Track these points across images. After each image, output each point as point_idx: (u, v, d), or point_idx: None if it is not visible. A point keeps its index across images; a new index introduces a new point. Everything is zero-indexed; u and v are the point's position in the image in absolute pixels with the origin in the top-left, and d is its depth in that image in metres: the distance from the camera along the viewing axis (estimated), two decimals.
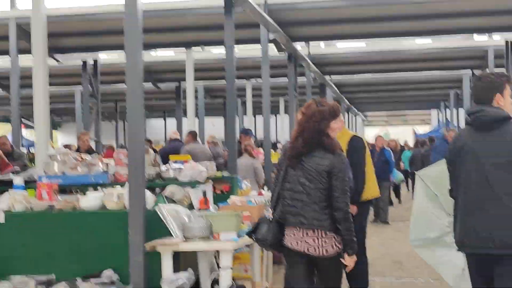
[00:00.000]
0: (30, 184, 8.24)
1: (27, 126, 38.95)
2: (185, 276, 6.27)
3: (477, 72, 24.28)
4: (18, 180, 8.20)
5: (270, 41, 15.24)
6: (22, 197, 7.53)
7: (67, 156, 8.40)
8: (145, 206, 6.95)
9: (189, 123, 21.41)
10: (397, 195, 24.21)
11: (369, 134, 58.62)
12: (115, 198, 7.29)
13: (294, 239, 5.06)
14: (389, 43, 20.40)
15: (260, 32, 14.84)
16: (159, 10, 15.45)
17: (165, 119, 45.35)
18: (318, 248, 4.96)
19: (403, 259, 11.08)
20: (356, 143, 7.38)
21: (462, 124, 28.26)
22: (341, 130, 7.40)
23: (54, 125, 47.26)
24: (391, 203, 21.19)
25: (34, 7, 11.49)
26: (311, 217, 4.97)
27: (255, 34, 15.29)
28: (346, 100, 34.94)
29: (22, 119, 23.46)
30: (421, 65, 25.33)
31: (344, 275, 5.92)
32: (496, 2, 14.60)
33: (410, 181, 25.51)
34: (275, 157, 14.83)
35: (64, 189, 8.29)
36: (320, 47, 21.66)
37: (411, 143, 35.19)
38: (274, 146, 24.64)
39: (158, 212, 6.74)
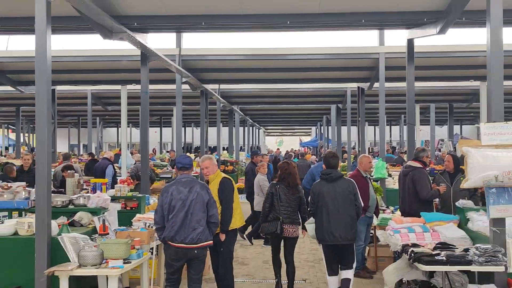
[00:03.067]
0: None
1: None
2: None
3: (340, 105, 25.08)
4: None
5: (184, 83, 14.96)
6: None
7: None
8: (50, 234, 6.60)
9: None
10: None
11: (269, 141, 61.39)
12: (26, 226, 6.93)
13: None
14: (279, 85, 20.42)
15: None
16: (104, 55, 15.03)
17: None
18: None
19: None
20: (227, 182, 7.20)
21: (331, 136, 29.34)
22: (214, 173, 7.27)
23: None
24: None
25: None
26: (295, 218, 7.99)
27: (172, 76, 14.90)
28: (249, 119, 35.78)
29: None
30: (301, 100, 25.84)
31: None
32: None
33: None
34: None
35: None
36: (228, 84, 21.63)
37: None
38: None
39: (60, 241, 6.44)
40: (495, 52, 6.42)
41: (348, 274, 7.13)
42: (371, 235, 9.16)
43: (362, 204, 7.53)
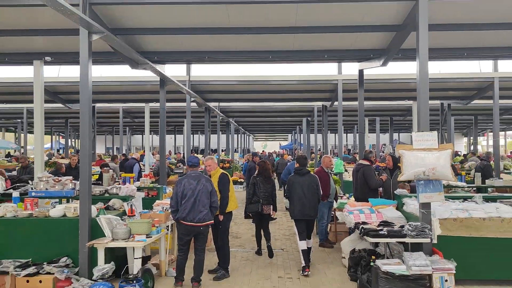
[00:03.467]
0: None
1: None
2: (108, 266, 6.03)
3: (309, 118, 24.98)
4: (15, 194, 7.61)
5: (192, 101, 14.96)
6: (12, 208, 7.03)
7: (49, 178, 7.78)
8: (90, 216, 6.59)
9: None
10: None
11: (257, 145, 61.22)
12: (72, 210, 6.92)
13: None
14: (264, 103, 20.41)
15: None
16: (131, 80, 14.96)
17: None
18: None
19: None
20: (224, 177, 7.19)
21: (303, 141, 29.26)
22: (215, 169, 7.27)
23: None
24: None
25: None
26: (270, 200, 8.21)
27: (183, 97, 14.88)
28: (241, 128, 35.72)
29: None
30: (280, 114, 25.62)
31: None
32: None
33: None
34: None
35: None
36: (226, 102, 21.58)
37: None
38: None
39: (98, 221, 6.48)
40: (422, 80, 6.50)
41: (310, 243, 7.54)
42: (332, 215, 9.20)
43: (321, 193, 7.92)
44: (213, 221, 6.62)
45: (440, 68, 17.08)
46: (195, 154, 22.48)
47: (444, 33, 8.31)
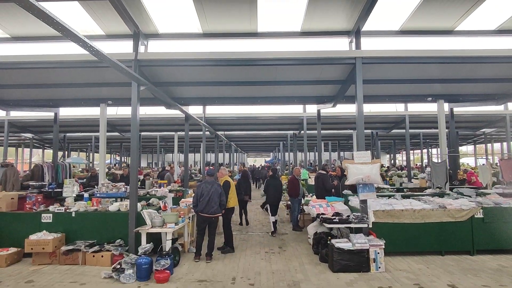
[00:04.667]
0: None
1: None
2: (148, 245, 5.83)
3: (284, 142, 24.79)
4: (86, 195, 7.50)
5: (206, 131, 14.86)
6: (83, 205, 6.90)
7: (108, 185, 7.63)
8: (136, 210, 6.40)
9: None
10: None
11: (250, 160, 60.15)
12: (124, 206, 6.76)
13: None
14: (255, 132, 20.38)
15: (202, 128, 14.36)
16: (166, 117, 14.71)
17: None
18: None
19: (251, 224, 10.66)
20: (226, 183, 7.03)
21: (280, 157, 29.34)
22: (223, 177, 7.16)
23: None
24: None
25: None
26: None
27: (200, 127, 14.74)
28: (239, 148, 35.35)
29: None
30: (264, 146, 25.31)
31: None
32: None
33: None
34: None
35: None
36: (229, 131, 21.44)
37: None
38: None
39: (141, 213, 6.30)
40: (359, 117, 6.55)
41: (275, 218, 8.39)
42: (301, 208, 9.08)
43: (282, 189, 8.98)
44: (221, 214, 6.48)
45: (370, 108, 17.23)
46: (210, 167, 22.28)
47: (372, 85, 8.45)
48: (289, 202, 9.86)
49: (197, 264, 5.99)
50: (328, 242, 5.98)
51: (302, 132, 15.34)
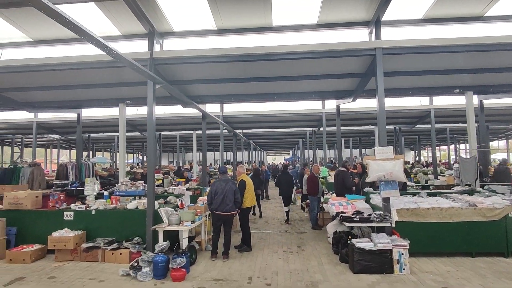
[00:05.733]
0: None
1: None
2: (165, 243, 5.81)
3: (303, 139, 24.38)
4: (105, 193, 7.60)
5: (224, 129, 14.86)
6: (103, 203, 6.94)
7: (127, 183, 7.72)
8: (154, 208, 6.41)
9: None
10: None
11: (269, 158, 59.90)
12: (142, 204, 6.75)
13: None
14: (273, 129, 20.20)
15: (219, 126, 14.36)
16: (183, 116, 14.83)
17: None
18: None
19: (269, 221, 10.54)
20: (242, 182, 6.90)
21: (300, 155, 28.95)
22: (240, 175, 7.06)
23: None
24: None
25: None
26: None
27: (218, 126, 14.76)
28: (258, 147, 35.24)
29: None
30: (282, 144, 25.03)
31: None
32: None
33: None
34: None
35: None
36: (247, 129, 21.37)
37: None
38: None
39: (159, 211, 6.29)
40: (381, 111, 6.26)
41: (287, 208, 9.37)
42: (320, 206, 8.84)
43: (294, 183, 10.37)
44: (235, 212, 6.36)
45: (393, 102, 16.60)
46: (226, 165, 22.33)
47: (394, 77, 8.07)
48: (307, 200, 9.64)
49: (214, 263, 5.93)
50: (349, 241, 5.73)
51: (321, 129, 15.02)
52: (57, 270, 5.63)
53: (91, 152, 24.26)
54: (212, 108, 15.45)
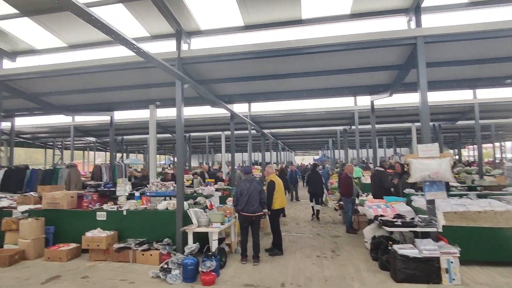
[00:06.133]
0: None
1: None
2: (195, 245, 5.69)
3: (333, 138, 23.56)
4: (136, 193, 7.63)
5: (252, 129, 14.69)
6: (134, 204, 7.00)
7: (158, 184, 7.74)
8: (183, 209, 6.33)
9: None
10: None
11: (297, 158, 59.02)
12: (172, 204, 6.72)
13: None
14: (301, 128, 19.74)
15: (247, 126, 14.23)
16: (212, 117, 14.89)
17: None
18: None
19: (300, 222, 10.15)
20: (271, 183, 6.57)
21: (330, 155, 28.14)
22: (269, 175, 6.79)
23: None
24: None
25: None
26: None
27: (246, 126, 14.62)
28: (286, 147, 34.82)
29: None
30: (314, 135, 24.41)
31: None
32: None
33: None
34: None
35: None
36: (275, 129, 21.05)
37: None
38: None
39: (188, 212, 6.22)
40: (423, 106, 5.70)
41: (317, 207, 9.78)
42: (355, 208, 8.36)
43: (323, 181, 10.30)
44: (262, 213, 6.07)
45: (431, 97, 15.49)
46: (255, 166, 22.18)
47: (435, 69, 7.41)
48: (341, 202, 9.17)
49: (244, 266, 5.72)
50: (389, 247, 5.28)
51: (353, 127, 14.38)
52: (90, 270, 5.69)
53: (124, 154, 25.16)
54: (240, 108, 15.35)
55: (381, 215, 6.04)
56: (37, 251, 6.44)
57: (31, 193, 8.20)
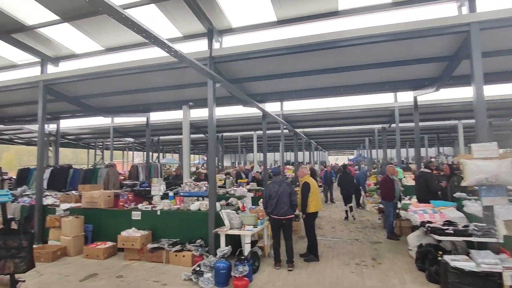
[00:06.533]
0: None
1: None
2: (227, 249, 5.56)
3: (371, 137, 22.48)
4: (170, 193, 7.72)
5: (284, 128, 14.37)
6: (168, 203, 7.03)
7: (191, 183, 7.74)
8: (216, 210, 6.24)
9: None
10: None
11: (330, 159, 57.38)
12: (204, 205, 6.69)
13: None
14: (335, 127, 19.04)
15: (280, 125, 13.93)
16: (243, 116, 14.78)
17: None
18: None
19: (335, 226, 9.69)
20: (305, 184, 6.23)
21: (366, 155, 26.85)
22: (302, 177, 6.46)
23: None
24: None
25: None
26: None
27: (278, 125, 14.34)
28: (319, 146, 33.85)
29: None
30: (349, 135, 23.46)
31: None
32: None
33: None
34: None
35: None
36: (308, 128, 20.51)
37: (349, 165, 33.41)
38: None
39: (220, 214, 6.11)
40: (479, 101, 5.07)
41: (348, 207, 9.89)
42: (397, 213, 7.76)
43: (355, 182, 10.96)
44: (293, 215, 5.78)
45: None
46: (287, 166, 21.82)
47: (490, 59, 6.62)
48: (381, 205, 8.59)
49: (278, 272, 5.47)
50: (439, 258, 4.76)
51: (393, 125, 13.55)
52: (125, 269, 5.76)
53: (161, 154, 25.97)
54: (272, 107, 15.10)
55: (429, 221, 5.49)
56: (77, 248, 6.68)
57: (73, 191, 8.58)
